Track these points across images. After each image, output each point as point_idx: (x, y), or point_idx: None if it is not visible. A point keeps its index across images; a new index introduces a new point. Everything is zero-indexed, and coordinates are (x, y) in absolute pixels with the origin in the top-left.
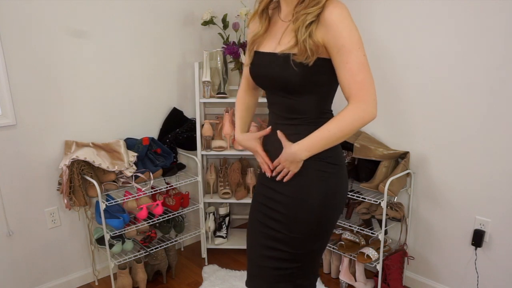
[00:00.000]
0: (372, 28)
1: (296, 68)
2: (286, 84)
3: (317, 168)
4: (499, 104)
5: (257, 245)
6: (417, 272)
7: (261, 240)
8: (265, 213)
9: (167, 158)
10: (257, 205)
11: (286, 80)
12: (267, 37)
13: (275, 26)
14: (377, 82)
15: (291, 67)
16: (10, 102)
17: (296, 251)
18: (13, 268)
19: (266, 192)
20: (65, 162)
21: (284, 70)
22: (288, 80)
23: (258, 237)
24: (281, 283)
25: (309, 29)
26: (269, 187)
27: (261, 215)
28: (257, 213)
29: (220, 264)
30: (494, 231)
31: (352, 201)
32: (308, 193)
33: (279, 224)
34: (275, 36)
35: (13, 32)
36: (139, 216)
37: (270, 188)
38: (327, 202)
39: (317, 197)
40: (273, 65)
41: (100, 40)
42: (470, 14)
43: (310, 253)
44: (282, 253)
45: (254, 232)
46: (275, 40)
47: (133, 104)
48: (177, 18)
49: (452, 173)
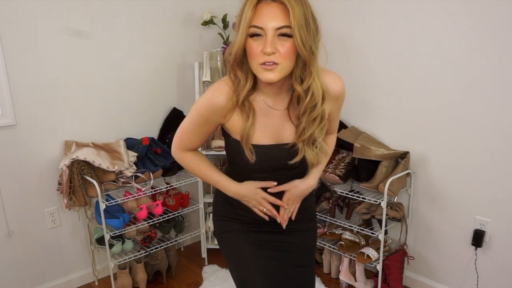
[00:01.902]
0: (372, 28)
1: None
2: (304, 163)
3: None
4: (499, 104)
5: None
6: (417, 272)
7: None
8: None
9: (167, 158)
10: (262, 258)
11: (305, 161)
12: (260, 127)
13: (263, 114)
14: (377, 82)
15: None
16: (10, 102)
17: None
18: (13, 268)
19: (270, 238)
20: (65, 162)
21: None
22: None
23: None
24: None
25: (322, 123)
26: (272, 232)
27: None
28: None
29: (220, 264)
30: (494, 231)
31: (352, 201)
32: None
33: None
34: (271, 125)
35: (13, 32)
36: (139, 216)
37: (275, 232)
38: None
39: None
40: (291, 152)
41: (100, 40)
42: (470, 14)
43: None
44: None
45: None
46: (276, 129)
47: (133, 104)
48: (177, 18)
49: (452, 173)
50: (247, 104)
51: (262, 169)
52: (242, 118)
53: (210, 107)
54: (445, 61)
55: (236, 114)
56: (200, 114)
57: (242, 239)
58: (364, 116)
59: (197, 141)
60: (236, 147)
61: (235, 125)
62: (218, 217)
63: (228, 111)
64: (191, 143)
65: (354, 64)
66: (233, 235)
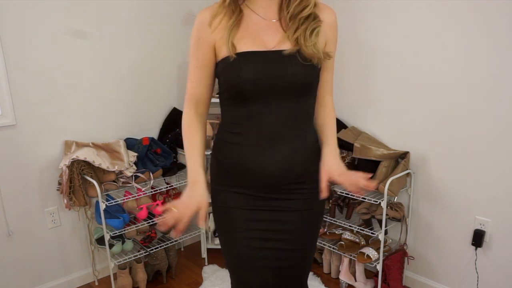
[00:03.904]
0: (372, 27)
1: (315, 68)
2: (308, 84)
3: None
4: (499, 104)
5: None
6: (417, 272)
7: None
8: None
9: (167, 158)
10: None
11: (308, 80)
12: (248, 35)
13: (253, 23)
14: (377, 82)
15: (315, 66)
16: (10, 102)
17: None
18: (13, 268)
19: (265, 217)
20: (65, 162)
21: (306, 69)
22: (310, 80)
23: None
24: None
25: (313, 35)
26: (269, 209)
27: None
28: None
29: (220, 264)
30: (494, 231)
31: (352, 201)
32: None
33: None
34: (261, 32)
35: (13, 32)
36: (139, 216)
37: (271, 209)
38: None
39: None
40: (292, 65)
41: (99, 40)
42: (471, 14)
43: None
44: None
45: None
46: (270, 38)
47: (133, 104)
48: (177, 18)
49: (452, 173)
50: (233, 7)
51: (256, 92)
52: (230, 20)
53: (199, 24)
54: (446, 61)
55: (224, 22)
56: (193, 38)
57: (236, 219)
58: (364, 116)
59: (199, 86)
60: (225, 69)
61: (223, 36)
62: (214, 187)
63: (213, 18)
64: (196, 91)
65: (354, 64)
66: (228, 214)
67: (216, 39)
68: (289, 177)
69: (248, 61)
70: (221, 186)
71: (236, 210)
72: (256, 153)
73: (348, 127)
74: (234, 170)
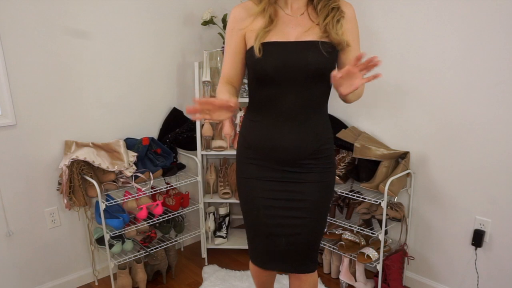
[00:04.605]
0: (372, 27)
1: (330, 55)
2: (323, 72)
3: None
4: (499, 104)
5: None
6: (417, 272)
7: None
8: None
9: (167, 158)
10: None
11: (323, 68)
12: (274, 29)
13: (280, 19)
14: (377, 82)
15: (331, 54)
16: (10, 102)
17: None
18: (13, 268)
19: (282, 188)
20: (65, 162)
21: (323, 56)
22: (325, 68)
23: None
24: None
25: (339, 24)
26: (286, 181)
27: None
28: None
29: (220, 264)
30: (494, 231)
31: (352, 201)
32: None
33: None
34: (287, 27)
35: (13, 32)
36: (139, 216)
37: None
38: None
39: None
40: (311, 54)
41: (100, 40)
42: (470, 14)
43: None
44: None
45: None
46: (292, 30)
47: (133, 104)
48: (177, 18)
49: (452, 173)
50: (268, 9)
51: (275, 78)
52: (262, 22)
53: (233, 18)
54: (446, 61)
55: (257, 21)
56: (228, 29)
57: (256, 188)
58: (364, 116)
59: (231, 70)
60: (251, 57)
61: (254, 30)
62: (239, 159)
63: (247, 17)
64: (229, 73)
65: None
66: (249, 183)
67: (246, 31)
68: (303, 153)
69: (269, 51)
70: (244, 159)
71: (255, 181)
72: (274, 131)
73: (348, 127)
74: (255, 144)
